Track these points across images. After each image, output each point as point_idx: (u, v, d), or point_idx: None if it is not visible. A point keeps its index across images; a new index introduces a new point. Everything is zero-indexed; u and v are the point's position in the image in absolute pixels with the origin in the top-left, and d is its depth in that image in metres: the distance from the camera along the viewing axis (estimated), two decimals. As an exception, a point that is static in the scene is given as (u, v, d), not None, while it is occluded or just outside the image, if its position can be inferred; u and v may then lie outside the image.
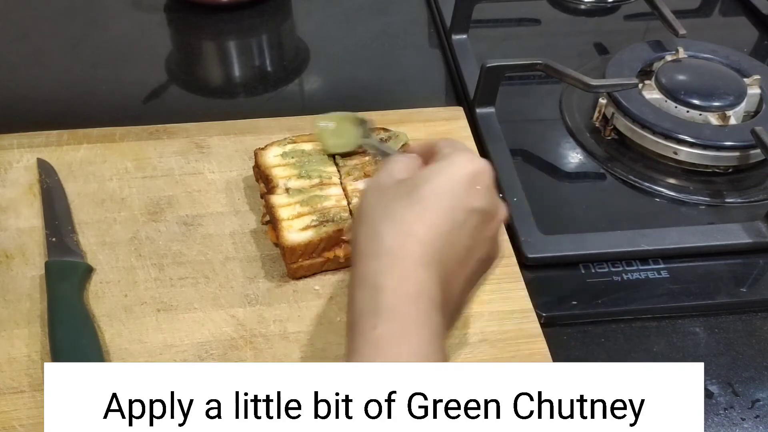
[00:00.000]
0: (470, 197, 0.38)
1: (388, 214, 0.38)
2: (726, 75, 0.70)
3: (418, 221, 0.37)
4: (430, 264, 0.36)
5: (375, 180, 0.41)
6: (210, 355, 0.49)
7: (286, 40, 0.86)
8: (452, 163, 0.39)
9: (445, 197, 0.38)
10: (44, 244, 0.55)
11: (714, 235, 0.58)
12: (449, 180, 0.38)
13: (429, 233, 0.37)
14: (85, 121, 0.67)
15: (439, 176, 0.39)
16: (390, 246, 0.36)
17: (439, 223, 0.37)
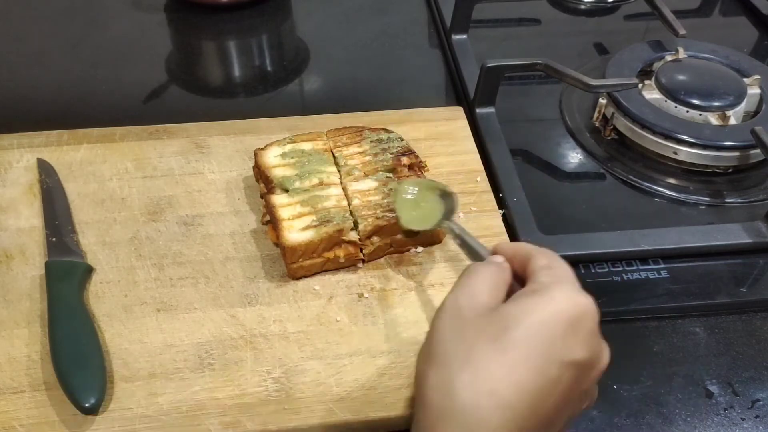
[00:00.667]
0: (569, 347, 0.32)
1: (470, 360, 0.32)
2: (726, 75, 0.70)
3: (504, 377, 0.31)
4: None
5: (454, 300, 0.35)
6: (210, 355, 0.49)
7: (286, 40, 0.86)
8: (551, 300, 0.33)
9: (539, 347, 0.31)
10: (44, 244, 0.55)
11: (714, 235, 0.58)
12: (546, 323, 0.32)
13: (515, 394, 0.31)
14: (85, 121, 0.67)
15: (533, 316, 0.32)
16: (466, 405, 0.31)
17: (528, 380, 0.31)
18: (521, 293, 0.34)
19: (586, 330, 0.33)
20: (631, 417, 0.48)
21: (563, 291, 0.34)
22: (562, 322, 0.32)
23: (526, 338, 0.31)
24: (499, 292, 0.34)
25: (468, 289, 0.35)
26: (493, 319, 0.32)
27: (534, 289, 0.34)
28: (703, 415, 0.48)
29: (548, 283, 0.34)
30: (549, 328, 0.32)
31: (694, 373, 0.51)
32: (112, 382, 0.47)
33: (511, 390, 0.30)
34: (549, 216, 0.60)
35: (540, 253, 0.36)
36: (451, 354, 0.32)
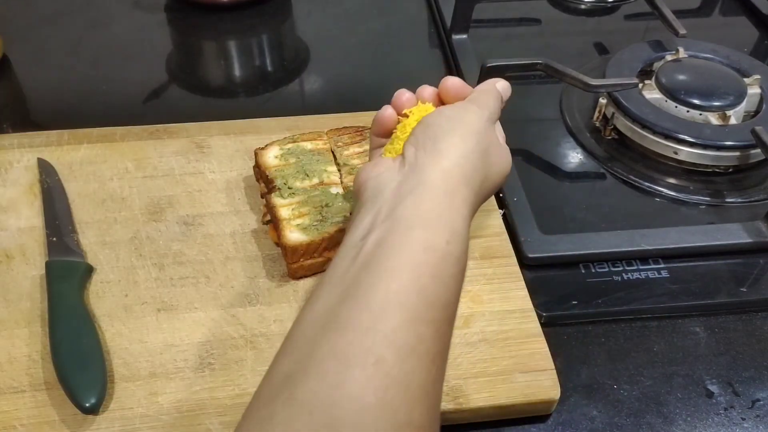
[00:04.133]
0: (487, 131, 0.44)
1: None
2: (726, 75, 0.70)
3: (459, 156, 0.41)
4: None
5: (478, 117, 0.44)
6: (210, 354, 0.49)
7: (286, 40, 0.86)
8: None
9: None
10: (45, 243, 0.55)
11: (714, 235, 0.58)
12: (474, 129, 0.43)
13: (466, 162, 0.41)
14: (86, 120, 0.67)
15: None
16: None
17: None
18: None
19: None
20: (631, 417, 0.48)
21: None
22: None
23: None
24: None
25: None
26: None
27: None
28: (703, 415, 0.48)
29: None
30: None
31: (694, 372, 0.51)
32: (113, 382, 0.47)
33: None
34: (549, 216, 0.60)
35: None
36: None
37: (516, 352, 0.49)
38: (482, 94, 0.46)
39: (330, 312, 0.34)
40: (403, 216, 0.37)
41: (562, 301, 0.54)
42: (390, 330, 0.32)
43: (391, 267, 0.35)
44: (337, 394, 0.31)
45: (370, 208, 0.39)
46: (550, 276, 0.56)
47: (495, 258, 0.56)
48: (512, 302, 0.53)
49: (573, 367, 0.51)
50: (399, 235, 0.36)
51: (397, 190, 0.39)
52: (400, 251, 0.35)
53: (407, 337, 0.33)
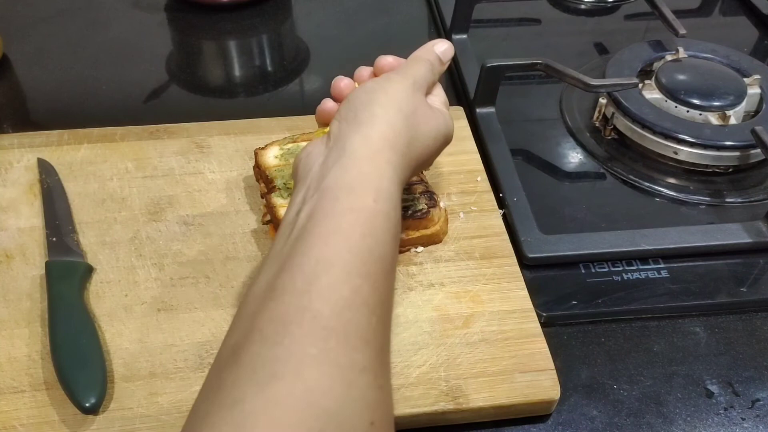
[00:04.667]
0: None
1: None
2: (726, 75, 0.70)
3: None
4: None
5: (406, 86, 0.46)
6: (210, 354, 0.49)
7: (286, 40, 0.86)
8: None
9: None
10: (44, 243, 0.55)
11: (714, 235, 0.58)
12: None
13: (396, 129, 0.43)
14: (86, 120, 0.67)
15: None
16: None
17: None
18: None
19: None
20: (631, 417, 0.48)
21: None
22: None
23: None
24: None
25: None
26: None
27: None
28: (703, 415, 0.48)
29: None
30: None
31: (694, 372, 0.51)
32: (113, 382, 0.47)
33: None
34: (549, 216, 0.60)
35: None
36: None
37: (516, 352, 0.49)
38: (408, 63, 0.48)
39: (268, 285, 0.35)
40: (329, 186, 0.39)
41: (562, 301, 0.54)
42: (324, 287, 0.34)
43: (321, 233, 0.36)
44: (278, 350, 0.32)
45: (302, 185, 0.41)
46: (550, 276, 0.56)
47: (495, 258, 0.56)
48: (512, 302, 0.53)
49: (573, 367, 0.51)
50: (326, 203, 0.38)
51: (323, 163, 0.41)
52: (329, 217, 0.37)
53: (342, 291, 0.34)
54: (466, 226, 0.58)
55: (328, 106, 0.49)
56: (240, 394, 0.31)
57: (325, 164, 0.40)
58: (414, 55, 0.49)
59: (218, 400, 0.32)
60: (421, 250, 0.56)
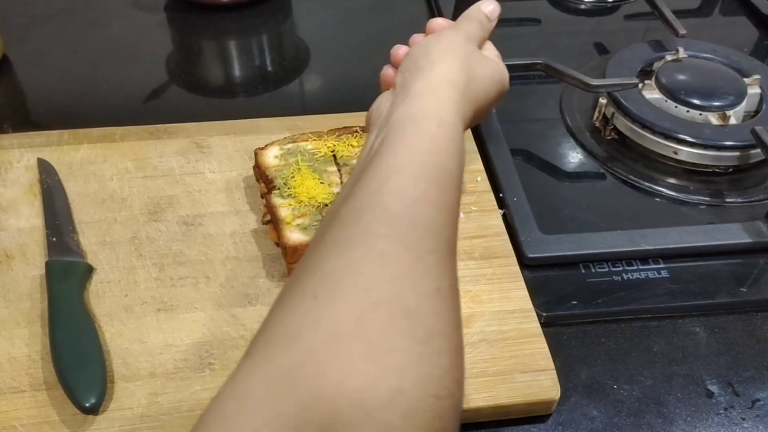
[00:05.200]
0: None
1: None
2: (726, 75, 0.70)
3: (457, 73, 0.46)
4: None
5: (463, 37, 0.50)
6: (210, 354, 0.49)
7: (286, 40, 0.86)
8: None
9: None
10: (45, 243, 0.55)
11: (714, 235, 0.58)
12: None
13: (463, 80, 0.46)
14: (86, 121, 0.67)
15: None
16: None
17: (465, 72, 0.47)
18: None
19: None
20: (631, 417, 0.48)
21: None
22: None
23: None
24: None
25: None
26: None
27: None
28: (703, 415, 0.48)
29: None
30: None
31: (694, 372, 0.51)
32: (113, 382, 0.47)
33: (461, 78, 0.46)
34: (549, 216, 0.60)
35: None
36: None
37: (516, 352, 0.49)
38: (459, 21, 0.53)
39: (346, 193, 0.39)
40: (396, 119, 0.42)
41: (562, 301, 0.54)
42: (393, 187, 0.37)
43: (390, 151, 0.39)
44: (353, 229, 0.35)
45: (373, 128, 0.45)
46: (550, 276, 0.56)
47: (495, 258, 0.56)
48: (512, 302, 0.53)
49: (573, 367, 0.51)
50: (395, 132, 0.41)
51: (391, 106, 0.44)
52: (397, 140, 0.40)
53: (410, 191, 0.37)
54: (466, 226, 0.58)
55: (389, 72, 0.52)
56: (320, 261, 0.34)
57: (392, 106, 0.44)
58: (464, 14, 0.54)
59: (302, 272, 0.34)
60: (421, 250, 0.56)
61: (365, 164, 0.40)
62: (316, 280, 0.33)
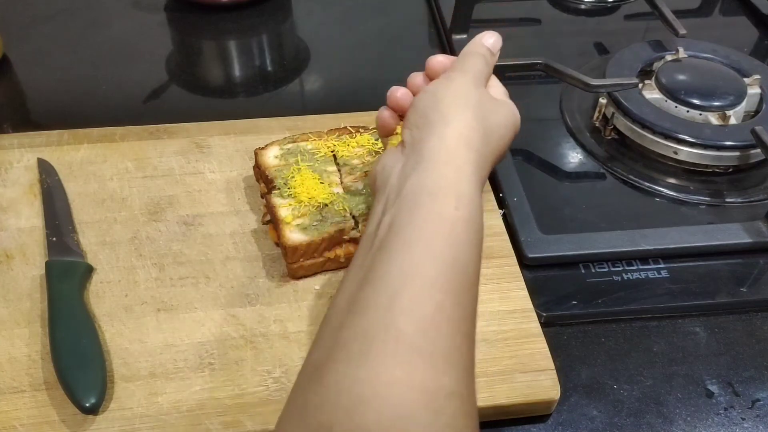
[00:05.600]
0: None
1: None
2: (726, 75, 0.70)
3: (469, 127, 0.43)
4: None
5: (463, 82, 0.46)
6: (210, 354, 0.49)
7: (286, 40, 0.86)
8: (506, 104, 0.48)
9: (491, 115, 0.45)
10: (45, 243, 0.55)
11: (714, 235, 0.58)
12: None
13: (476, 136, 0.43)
14: (86, 121, 0.67)
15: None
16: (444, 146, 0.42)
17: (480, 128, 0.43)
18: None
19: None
20: (631, 417, 0.48)
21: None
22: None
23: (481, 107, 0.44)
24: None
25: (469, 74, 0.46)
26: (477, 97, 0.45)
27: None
28: (703, 415, 0.48)
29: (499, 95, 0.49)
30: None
31: (694, 372, 0.51)
32: (113, 382, 0.47)
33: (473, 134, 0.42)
34: (549, 216, 0.60)
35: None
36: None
37: (516, 352, 0.49)
38: (462, 59, 0.48)
39: (351, 298, 0.35)
40: (409, 192, 0.38)
41: (562, 301, 0.54)
42: (407, 302, 0.33)
43: (403, 243, 0.36)
44: (362, 372, 0.31)
45: (381, 196, 0.41)
46: (550, 276, 0.56)
47: (495, 258, 0.56)
48: (512, 302, 0.53)
49: (573, 367, 0.51)
50: (407, 212, 0.37)
51: (401, 172, 0.40)
52: (410, 226, 0.36)
53: (425, 307, 0.33)
54: (466, 226, 0.58)
55: (385, 115, 0.48)
56: (326, 420, 0.30)
57: (403, 171, 0.40)
58: (465, 51, 0.49)
59: (304, 424, 0.31)
60: (421, 250, 0.56)
61: (374, 255, 0.36)
62: (324, 420, 0.30)
